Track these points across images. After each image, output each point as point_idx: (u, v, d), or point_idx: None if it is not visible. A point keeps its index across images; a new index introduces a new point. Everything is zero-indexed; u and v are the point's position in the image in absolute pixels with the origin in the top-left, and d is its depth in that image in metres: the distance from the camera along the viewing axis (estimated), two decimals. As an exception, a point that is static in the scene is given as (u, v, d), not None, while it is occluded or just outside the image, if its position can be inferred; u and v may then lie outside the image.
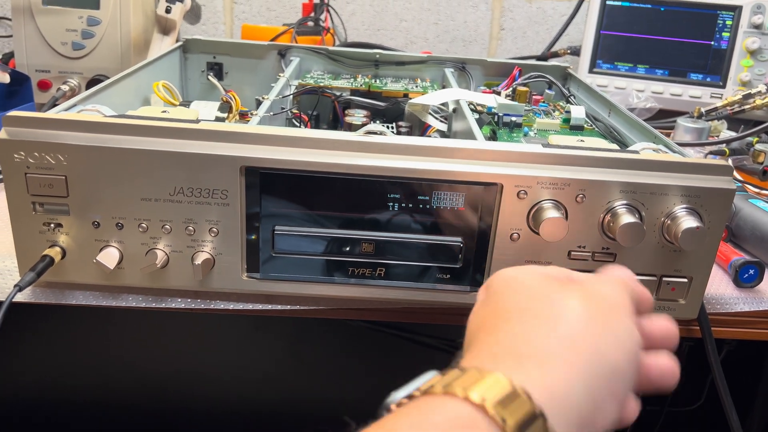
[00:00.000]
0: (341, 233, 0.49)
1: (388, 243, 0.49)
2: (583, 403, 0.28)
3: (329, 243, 0.49)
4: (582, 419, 0.28)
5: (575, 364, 0.29)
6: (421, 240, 0.49)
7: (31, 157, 0.45)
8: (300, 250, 0.49)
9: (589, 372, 0.29)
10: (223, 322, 1.04)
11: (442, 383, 0.27)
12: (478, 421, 0.25)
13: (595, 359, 0.30)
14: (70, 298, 0.51)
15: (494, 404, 0.25)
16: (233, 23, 1.26)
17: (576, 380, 0.29)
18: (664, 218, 0.47)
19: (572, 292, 0.33)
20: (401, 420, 0.26)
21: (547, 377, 0.28)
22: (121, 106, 0.60)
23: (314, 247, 0.49)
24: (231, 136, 0.46)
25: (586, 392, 0.29)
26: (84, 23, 0.85)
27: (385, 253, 0.49)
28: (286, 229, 0.49)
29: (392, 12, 1.26)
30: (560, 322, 0.31)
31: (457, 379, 0.27)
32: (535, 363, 0.28)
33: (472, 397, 0.25)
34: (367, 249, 0.49)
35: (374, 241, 0.49)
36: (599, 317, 0.32)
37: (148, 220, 0.47)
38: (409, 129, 0.75)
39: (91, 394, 1.09)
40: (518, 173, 0.46)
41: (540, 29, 1.26)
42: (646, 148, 0.53)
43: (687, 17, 1.02)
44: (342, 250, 0.49)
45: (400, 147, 0.46)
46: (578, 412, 0.28)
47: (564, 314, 0.32)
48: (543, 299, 0.33)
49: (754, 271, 0.56)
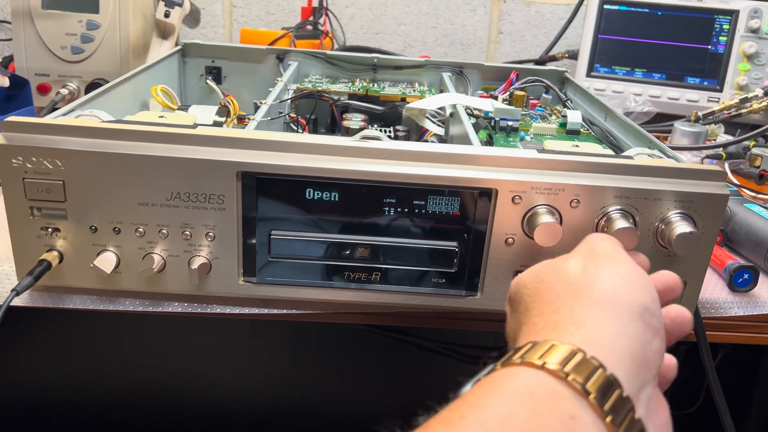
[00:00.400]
0: (337, 238, 0.49)
1: (384, 247, 0.49)
2: (629, 345, 0.31)
3: (325, 247, 0.49)
4: (635, 359, 0.31)
5: (609, 316, 0.32)
6: (416, 245, 0.49)
7: (29, 162, 0.45)
8: (296, 255, 0.50)
9: (624, 316, 0.32)
10: (220, 326, 1.04)
11: (517, 355, 0.30)
12: (555, 384, 0.28)
13: (624, 304, 0.33)
14: (67, 302, 0.51)
15: (569, 369, 0.28)
16: (232, 27, 1.26)
17: (616, 329, 0.32)
18: (658, 223, 0.47)
19: (576, 260, 0.37)
20: (486, 392, 0.28)
21: (591, 336, 0.31)
22: (119, 110, 0.61)
23: (310, 252, 0.50)
24: (227, 142, 0.46)
25: (628, 335, 0.32)
26: (83, 27, 0.86)
27: (381, 258, 0.50)
28: (282, 234, 0.49)
29: (391, 16, 1.26)
30: (579, 288, 0.34)
31: (530, 351, 0.30)
32: (576, 327, 0.32)
33: (550, 366, 0.28)
34: (363, 253, 0.49)
35: (370, 245, 0.49)
36: (608, 266, 0.36)
37: (145, 225, 0.47)
38: (407, 133, 0.75)
39: (88, 397, 1.09)
40: (513, 178, 0.46)
41: (538, 33, 1.27)
42: (640, 153, 0.54)
43: (684, 21, 1.02)
44: (338, 255, 0.50)
45: (396, 152, 0.46)
46: (630, 353, 0.31)
47: (580, 280, 0.35)
48: (559, 280, 0.36)
49: (748, 276, 0.56)
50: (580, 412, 0.27)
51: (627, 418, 0.28)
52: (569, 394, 0.27)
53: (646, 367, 0.32)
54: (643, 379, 0.31)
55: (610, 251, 0.37)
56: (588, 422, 0.27)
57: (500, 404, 0.27)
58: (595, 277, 0.35)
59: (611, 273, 0.35)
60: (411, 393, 1.16)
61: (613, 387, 0.28)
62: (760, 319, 0.56)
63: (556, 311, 0.33)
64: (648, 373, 0.32)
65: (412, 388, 1.13)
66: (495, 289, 0.50)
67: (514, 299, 0.38)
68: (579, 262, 0.37)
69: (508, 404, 0.27)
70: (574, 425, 0.26)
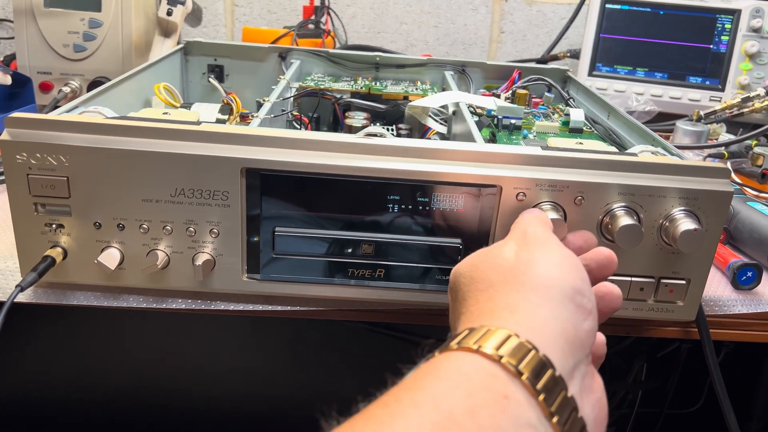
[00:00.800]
0: (341, 235, 0.49)
1: (388, 244, 0.49)
2: (562, 327, 0.32)
3: (329, 244, 0.49)
4: (568, 340, 0.32)
5: (542, 300, 0.33)
6: (420, 241, 0.49)
7: (33, 158, 0.45)
8: (300, 252, 0.50)
9: (556, 300, 0.34)
10: (221, 324, 1.04)
11: (454, 341, 0.30)
12: (490, 366, 0.29)
13: (556, 288, 0.34)
14: (71, 298, 0.51)
15: (503, 352, 0.29)
16: (234, 26, 1.26)
17: (548, 312, 0.33)
18: (663, 220, 0.47)
19: (509, 247, 0.38)
20: (423, 376, 0.28)
21: (525, 320, 0.32)
22: (122, 107, 0.61)
23: (314, 249, 0.50)
24: (232, 138, 0.46)
25: (560, 317, 0.33)
26: (86, 25, 0.86)
27: (385, 255, 0.50)
28: (286, 231, 0.49)
29: (392, 15, 1.26)
30: (512, 274, 0.35)
31: (466, 337, 0.30)
32: (510, 312, 0.33)
33: (485, 350, 0.29)
34: (367, 250, 0.49)
35: (374, 242, 0.49)
36: (539, 251, 0.37)
37: (149, 221, 0.47)
38: (409, 131, 0.75)
39: (88, 395, 1.09)
40: (517, 175, 0.46)
41: (540, 32, 1.27)
42: (644, 151, 0.54)
43: (686, 21, 1.02)
44: (342, 252, 0.50)
45: (400, 149, 0.46)
46: (563, 335, 0.32)
47: (512, 267, 0.36)
48: (492, 268, 0.37)
49: (752, 274, 0.56)
50: (514, 391, 0.28)
51: (559, 396, 0.29)
52: (503, 375, 0.28)
53: (579, 347, 0.33)
54: (577, 358, 0.32)
55: (540, 236, 0.39)
56: (521, 401, 0.28)
57: (436, 386, 0.27)
58: (527, 263, 0.36)
59: (542, 258, 0.36)
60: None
61: (545, 367, 0.29)
62: (764, 317, 0.56)
63: (490, 298, 0.35)
64: (581, 353, 0.33)
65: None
66: (499, 286, 0.50)
67: (452, 288, 0.39)
68: (512, 248, 0.38)
69: (444, 386, 0.27)
70: (507, 404, 0.27)
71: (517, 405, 0.27)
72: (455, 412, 0.26)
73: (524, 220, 0.42)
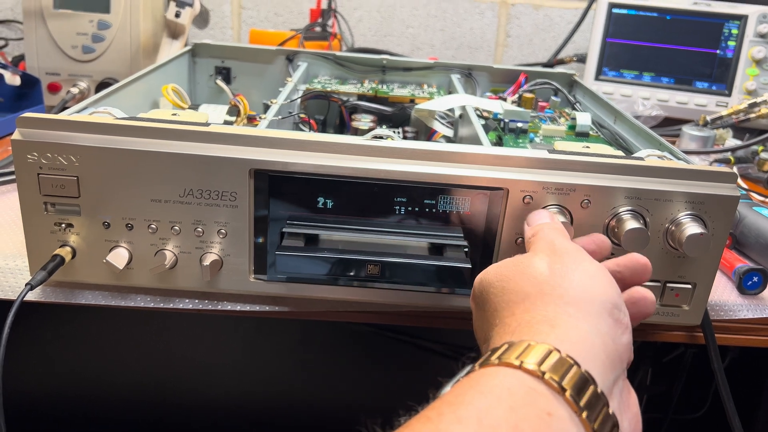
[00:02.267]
0: (348, 236, 0.49)
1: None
2: (602, 342, 0.32)
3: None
4: (608, 355, 0.32)
5: (581, 314, 0.33)
6: (426, 243, 0.49)
7: (44, 158, 0.45)
8: (303, 273, 0.49)
9: (594, 314, 0.33)
10: (228, 323, 1.05)
11: (495, 356, 0.31)
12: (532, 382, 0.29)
13: (594, 302, 0.34)
14: (79, 297, 0.52)
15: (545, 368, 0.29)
16: (240, 28, 1.27)
17: (588, 327, 0.33)
18: (669, 224, 0.47)
19: (541, 259, 0.38)
20: (465, 391, 0.29)
21: (565, 335, 0.32)
22: (130, 109, 0.61)
23: (317, 269, 0.49)
24: (241, 139, 0.46)
25: (599, 332, 0.33)
26: (94, 27, 0.86)
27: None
28: (293, 231, 0.49)
29: (399, 18, 1.27)
30: (549, 287, 0.35)
31: (507, 352, 0.30)
32: (550, 326, 0.32)
33: (527, 366, 0.29)
34: (373, 271, 0.49)
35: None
36: (573, 264, 0.37)
37: (157, 221, 0.48)
38: (416, 134, 0.75)
39: (92, 393, 1.09)
40: (524, 178, 0.46)
41: (546, 36, 1.27)
42: (651, 155, 0.54)
43: (693, 26, 1.02)
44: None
45: (408, 151, 0.47)
46: (603, 350, 0.32)
47: (548, 279, 0.36)
48: (526, 280, 0.36)
49: (758, 279, 0.56)
50: (557, 408, 0.28)
51: (601, 413, 0.29)
52: (546, 392, 0.28)
53: (618, 361, 0.33)
54: (616, 373, 0.32)
55: (570, 249, 0.39)
56: (564, 418, 0.28)
57: (478, 401, 0.27)
58: (562, 275, 0.36)
59: (577, 271, 0.36)
60: (417, 395, 1.16)
61: (587, 383, 0.29)
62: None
63: (527, 310, 0.34)
64: (620, 368, 0.33)
65: (418, 391, 1.13)
66: (505, 288, 0.50)
67: (479, 297, 0.39)
68: (544, 260, 0.37)
69: (486, 401, 0.27)
70: (550, 421, 0.27)
71: (560, 422, 0.27)
72: (499, 428, 0.26)
73: (547, 233, 0.41)
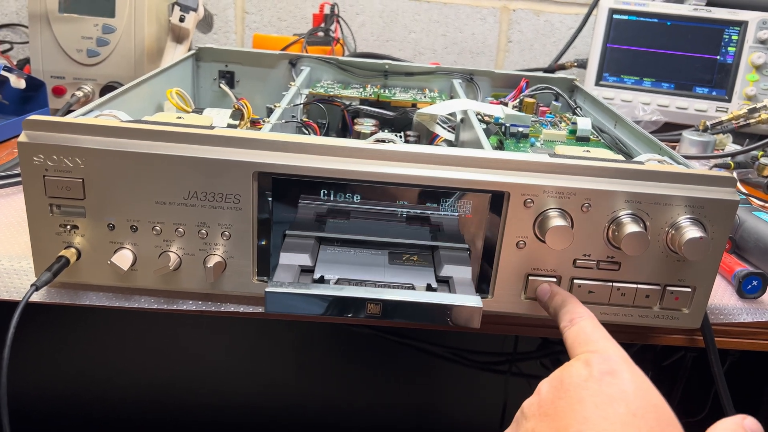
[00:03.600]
0: (350, 237, 0.50)
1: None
2: None
3: (329, 304, 0.46)
4: None
5: None
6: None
7: (50, 160, 0.46)
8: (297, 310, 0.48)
9: None
10: (230, 326, 1.05)
11: None
12: None
13: None
14: (84, 298, 0.52)
15: None
16: (244, 32, 1.27)
17: None
18: (669, 228, 0.48)
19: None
20: None
21: None
22: (134, 112, 0.61)
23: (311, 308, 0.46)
24: (245, 142, 0.47)
25: None
26: (99, 31, 0.87)
27: (393, 312, 0.47)
28: (296, 234, 0.50)
29: (401, 23, 1.27)
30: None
31: None
32: None
33: None
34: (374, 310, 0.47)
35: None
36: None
37: (162, 223, 0.48)
38: (417, 138, 0.76)
39: (94, 394, 1.10)
40: (525, 182, 0.47)
41: (547, 42, 1.28)
42: (651, 159, 0.54)
43: (693, 32, 1.03)
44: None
45: (410, 155, 0.47)
46: None
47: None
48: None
49: (757, 282, 0.57)
50: None
51: None
52: None
53: None
54: None
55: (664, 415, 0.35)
56: None
57: None
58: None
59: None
60: (417, 398, 1.16)
61: None
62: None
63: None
64: None
65: (419, 393, 1.13)
66: (506, 291, 0.50)
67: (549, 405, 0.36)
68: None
69: None
70: None
71: None
72: None
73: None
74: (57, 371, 1.08)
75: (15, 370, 0.45)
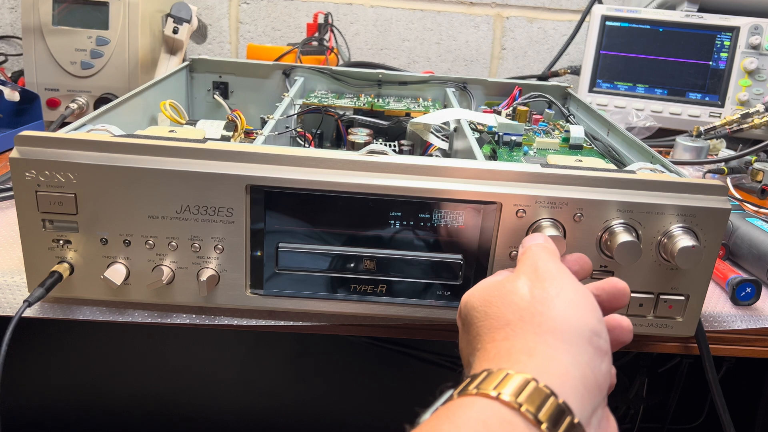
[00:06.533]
0: (343, 250, 0.50)
1: (390, 260, 0.50)
2: (581, 371, 0.32)
3: (332, 260, 0.50)
4: (587, 384, 0.32)
5: (560, 343, 0.33)
6: (421, 257, 0.50)
7: (42, 176, 0.46)
8: (303, 267, 0.50)
9: (574, 343, 0.33)
10: (225, 337, 1.05)
11: (473, 385, 0.31)
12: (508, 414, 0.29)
13: (574, 330, 0.34)
14: (77, 313, 0.52)
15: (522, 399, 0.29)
16: (238, 43, 1.28)
17: (567, 356, 0.32)
18: (661, 237, 0.48)
19: (522, 283, 0.37)
20: (441, 422, 0.29)
21: (543, 364, 0.32)
22: (128, 124, 0.62)
23: (317, 264, 0.50)
24: (237, 156, 0.47)
25: (579, 361, 0.33)
26: (93, 43, 0.87)
27: (387, 270, 0.50)
28: (289, 246, 0.50)
29: (395, 32, 1.28)
30: (529, 314, 0.35)
31: (485, 380, 0.31)
32: (528, 356, 0.32)
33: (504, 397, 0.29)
34: (369, 266, 0.50)
35: (376, 258, 0.50)
36: (554, 290, 0.36)
37: (154, 237, 0.48)
38: (411, 147, 0.76)
39: (91, 407, 1.09)
40: (517, 192, 0.47)
41: (540, 49, 1.28)
42: (643, 168, 0.54)
43: (686, 38, 1.03)
44: (344, 267, 0.50)
45: (402, 166, 0.47)
46: (582, 379, 0.32)
47: (528, 306, 0.35)
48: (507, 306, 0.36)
49: (751, 289, 0.57)
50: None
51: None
52: (522, 424, 0.28)
53: (596, 390, 0.33)
54: (595, 403, 0.32)
55: (553, 271, 0.38)
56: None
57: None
58: (542, 302, 0.35)
59: (558, 297, 0.36)
60: (413, 407, 1.16)
61: (564, 414, 0.29)
62: (763, 333, 0.56)
63: (507, 338, 0.34)
64: (599, 396, 0.33)
65: (415, 402, 1.13)
66: (499, 301, 0.50)
67: (464, 319, 0.39)
68: (525, 284, 0.37)
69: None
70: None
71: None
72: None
73: (533, 253, 0.41)
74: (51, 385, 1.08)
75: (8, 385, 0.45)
